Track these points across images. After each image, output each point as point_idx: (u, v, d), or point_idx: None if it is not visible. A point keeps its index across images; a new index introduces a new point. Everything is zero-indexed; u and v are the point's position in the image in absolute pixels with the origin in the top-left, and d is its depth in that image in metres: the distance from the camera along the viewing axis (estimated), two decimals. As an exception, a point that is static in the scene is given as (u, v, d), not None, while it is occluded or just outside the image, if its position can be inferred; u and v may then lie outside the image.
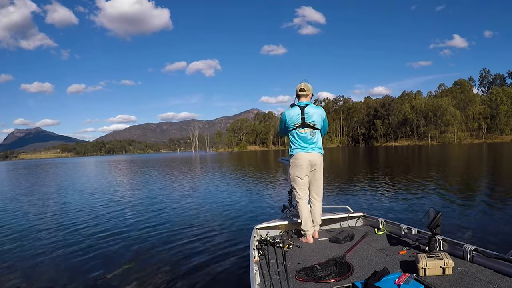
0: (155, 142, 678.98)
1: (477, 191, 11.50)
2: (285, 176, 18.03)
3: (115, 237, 7.15)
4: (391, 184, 13.84)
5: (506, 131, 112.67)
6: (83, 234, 7.47)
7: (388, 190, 12.21)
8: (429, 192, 11.33)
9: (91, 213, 10.09)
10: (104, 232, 7.64)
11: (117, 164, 52.80)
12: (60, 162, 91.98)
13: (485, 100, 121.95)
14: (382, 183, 14.07)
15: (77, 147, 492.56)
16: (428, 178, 15.28)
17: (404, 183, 13.91)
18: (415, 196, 10.64)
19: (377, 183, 14.29)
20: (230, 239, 6.52)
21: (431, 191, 11.41)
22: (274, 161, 39.94)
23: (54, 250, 6.36)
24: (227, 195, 12.65)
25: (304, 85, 4.53)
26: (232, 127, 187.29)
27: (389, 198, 10.53)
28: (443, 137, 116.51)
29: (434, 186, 12.56)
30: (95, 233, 7.53)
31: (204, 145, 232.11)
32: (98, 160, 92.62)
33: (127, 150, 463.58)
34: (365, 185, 13.66)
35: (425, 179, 14.87)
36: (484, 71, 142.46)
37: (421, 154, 43.22)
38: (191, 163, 43.21)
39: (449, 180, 14.63)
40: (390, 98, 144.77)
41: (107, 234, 7.43)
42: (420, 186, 12.76)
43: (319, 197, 4.65)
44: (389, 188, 12.70)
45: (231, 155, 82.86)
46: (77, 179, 25.30)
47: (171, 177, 22.59)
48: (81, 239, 7.08)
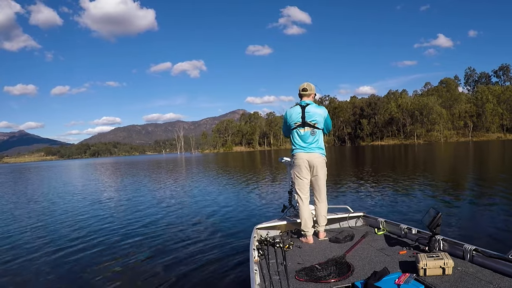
0: (140, 144, 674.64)
1: (475, 191, 11.33)
2: (285, 176, 18.04)
3: (115, 237, 7.25)
4: (382, 183, 13.86)
5: (492, 129, 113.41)
6: (86, 242, 7.13)
7: (380, 189, 12.25)
8: (424, 191, 11.30)
9: (95, 219, 9.57)
10: (103, 233, 7.72)
11: (103, 168, 50.92)
12: (43, 166, 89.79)
13: (471, 98, 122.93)
14: (370, 181, 14.40)
15: (61, 150, 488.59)
16: (421, 177, 15.32)
17: (397, 182, 13.82)
18: (411, 195, 10.58)
19: (368, 181, 14.45)
20: (230, 239, 6.57)
21: (426, 190, 11.40)
22: (263, 162, 38.91)
23: (51, 253, 6.38)
24: (227, 196, 12.62)
25: (306, 85, 4.52)
26: (217, 128, 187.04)
27: (380, 196, 10.67)
28: (429, 135, 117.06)
29: (428, 185, 12.59)
30: (101, 232, 7.72)
31: (189, 147, 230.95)
32: (83, 163, 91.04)
33: (112, 153, 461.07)
34: (355, 184, 13.90)
35: (418, 178, 14.95)
36: (469, 70, 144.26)
37: (409, 153, 43.01)
38: (175, 166, 41.56)
39: (443, 179, 14.69)
40: (376, 97, 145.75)
41: (107, 235, 7.51)
42: (414, 185, 12.82)
43: (321, 198, 4.52)
44: (380, 186, 12.82)
45: (217, 157, 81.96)
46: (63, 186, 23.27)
47: (166, 180, 21.78)
48: (85, 246, 6.81)
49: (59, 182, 25.33)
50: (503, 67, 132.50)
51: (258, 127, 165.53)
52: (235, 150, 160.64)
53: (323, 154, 4.49)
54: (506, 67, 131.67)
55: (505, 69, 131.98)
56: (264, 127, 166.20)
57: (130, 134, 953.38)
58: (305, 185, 4.47)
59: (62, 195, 15.89)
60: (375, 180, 14.83)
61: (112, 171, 38.73)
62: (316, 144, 4.42)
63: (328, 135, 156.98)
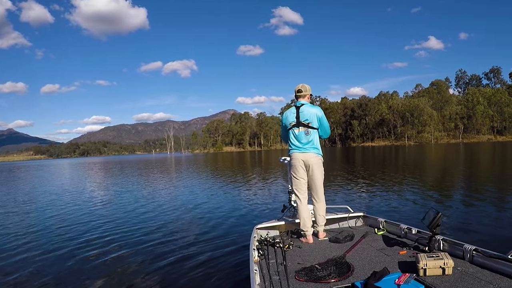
0: (130, 143, 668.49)
1: (472, 191, 11.32)
2: (284, 176, 17.94)
3: (115, 239, 7.15)
4: (380, 183, 14.02)
5: (482, 131, 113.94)
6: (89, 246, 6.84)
7: (377, 189, 12.40)
8: (422, 191, 11.43)
9: (99, 220, 9.34)
10: (105, 234, 7.59)
11: (93, 169, 49.35)
12: (32, 165, 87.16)
13: (462, 100, 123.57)
14: (370, 181, 14.52)
15: (50, 149, 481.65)
16: (414, 178, 15.52)
17: (394, 183, 13.93)
18: (410, 195, 10.64)
19: (368, 181, 14.53)
20: (230, 239, 6.57)
21: (424, 191, 11.57)
22: (257, 163, 38.02)
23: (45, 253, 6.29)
24: (226, 196, 12.62)
25: (301, 86, 4.58)
26: (208, 128, 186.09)
27: (373, 195, 10.92)
28: (420, 137, 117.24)
29: (425, 186, 12.73)
30: (96, 238, 7.34)
31: (179, 146, 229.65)
32: (72, 163, 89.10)
33: (102, 152, 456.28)
34: (355, 184, 13.96)
35: (414, 179, 15.10)
36: (460, 72, 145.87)
37: (401, 155, 42.95)
38: (169, 166, 40.30)
39: (438, 180, 14.81)
40: (367, 99, 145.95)
41: (107, 236, 7.40)
42: (410, 185, 12.94)
43: (319, 199, 4.51)
44: (377, 186, 12.98)
45: (208, 157, 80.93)
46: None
47: (161, 180, 21.80)
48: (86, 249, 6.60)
49: (50, 184, 23.78)
50: (494, 69, 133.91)
51: (249, 128, 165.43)
52: (225, 150, 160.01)
53: (319, 154, 4.46)
54: (496, 70, 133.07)
55: (496, 72, 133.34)
56: (254, 128, 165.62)
57: (120, 134, 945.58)
58: (302, 185, 4.48)
59: (60, 198, 14.61)
60: (375, 180, 14.83)
61: (104, 171, 37.87)
62: (311, 144, 4.41)
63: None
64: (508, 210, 8.07)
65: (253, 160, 45.94)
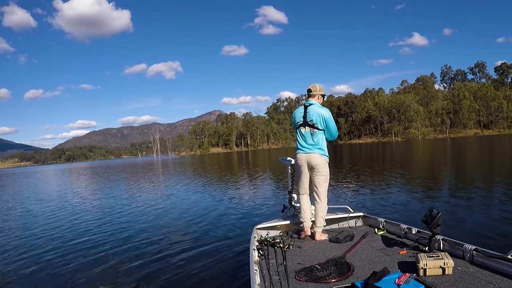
0: (116, 147, 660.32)
1: (469, 189, 10.92)
2: (284, 176, 17.79)
3: (116, 239, 7.23)
4: (369, 181, 14.24)
5: (469, 125, 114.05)
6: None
7: (374, 188, 12.19)
8: (419, 190, 11.24)
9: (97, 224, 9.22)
10: (105, 236, 7.62)
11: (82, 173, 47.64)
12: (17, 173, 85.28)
13: (448, 95, 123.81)
14: (369, 181, 14.24)
15: (36, 155, 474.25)
16: (405, 174, 15.52)
17: (385, 180, 14.05)
18: (408, 195, 10.42)
19: (367, 182, 14.28)
20: (230, 240, 6.58)
21: (422, 189, 11.33)
22: (240, 164, 37.30)
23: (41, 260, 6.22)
24: (226, 197, 12.60)
25: (312, 86, 4.60)
26: (194, 129, 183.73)
27: (379, 196, 10.51)
28: (407, 133, 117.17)
29: (417, 185, 12.40)
30: (103, 241, 7.26)
31: (166, 149, 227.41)
32: (58, 169, 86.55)
33: (88, 157, 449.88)
34: (354, 184, 13.78)
35: (403, 175, 15.18)
36: (445, 67, 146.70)
37: (388, 151, 42.76)
38: (158, 170, 39.36)
39: (430, 177, 14.71)
40: (353, 96, 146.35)
41: (106, 238, 7.47)
42: (404, 182, 12.92)
43: (321, 200, 4.49)
44: (374, 186, 12.74)
45: (194, 159, 79.10)
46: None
47: (158, 182, 21.96)
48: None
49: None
50: (478, 64, 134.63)
51: (235, 128, 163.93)
52: (212, 151, 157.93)
53: (323, 155, 4.47)
54: (481, 64, 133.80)
55: (481, 66, 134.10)
56: (241, 128, 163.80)
57: (105, 138, 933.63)
58: (304, 184, 4.55)
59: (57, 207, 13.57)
60: (374, 180, 14.64)
61: (97, 176, 36.15)
62: (316, 144, 4.44)
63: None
64: (508, 207, 7.81)
65: (246, 161, 44.79)
